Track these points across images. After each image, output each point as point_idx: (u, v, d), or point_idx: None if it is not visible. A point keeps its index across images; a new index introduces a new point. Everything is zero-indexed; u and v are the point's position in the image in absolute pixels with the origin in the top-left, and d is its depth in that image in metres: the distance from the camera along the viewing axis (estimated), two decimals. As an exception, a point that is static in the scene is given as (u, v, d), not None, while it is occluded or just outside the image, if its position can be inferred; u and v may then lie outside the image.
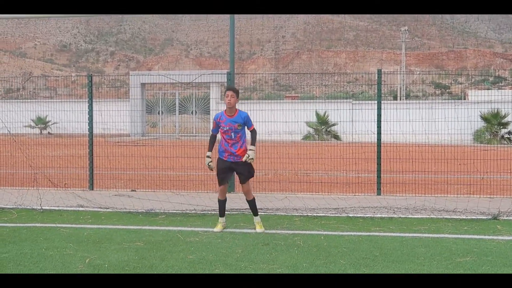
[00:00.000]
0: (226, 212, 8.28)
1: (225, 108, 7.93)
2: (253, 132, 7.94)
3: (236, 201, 10.13)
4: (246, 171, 7.89)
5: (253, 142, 7.89)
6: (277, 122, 14.29)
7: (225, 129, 7.79)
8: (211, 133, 8.09)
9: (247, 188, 7.98)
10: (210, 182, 12.17)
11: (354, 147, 14.87)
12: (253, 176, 8.01)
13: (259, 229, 7.89)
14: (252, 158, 7.76)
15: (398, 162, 13.29)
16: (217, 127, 7.93)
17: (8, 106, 15.68)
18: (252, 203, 8.03)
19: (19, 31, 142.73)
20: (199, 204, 10.02)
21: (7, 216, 9.09)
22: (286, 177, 13.81)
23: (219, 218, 8.08)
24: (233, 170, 8.01)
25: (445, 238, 7.44)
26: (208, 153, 8.01)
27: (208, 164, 7.94)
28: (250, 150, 7.80)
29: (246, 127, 7.90)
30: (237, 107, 7.92)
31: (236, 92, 7.88)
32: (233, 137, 7.79)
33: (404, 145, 13.60)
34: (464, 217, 8.79)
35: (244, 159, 7.74)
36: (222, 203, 8.04)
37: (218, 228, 7.93)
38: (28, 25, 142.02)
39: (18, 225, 8.39)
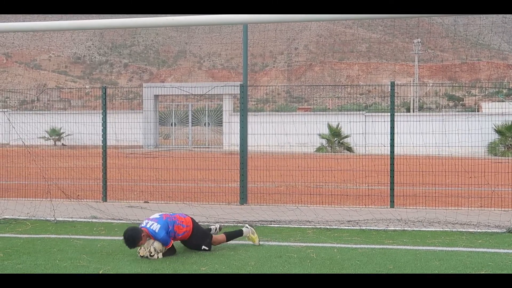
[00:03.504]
0: (239, 224, 8.26)
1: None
2: (170, 250, 7.19)
3: (249, 213, 10.15)
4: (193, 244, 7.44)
5: (166, 255, 7.08)
6: (290, 134, 14.29)
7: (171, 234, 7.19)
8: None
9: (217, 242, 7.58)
10: (222, 194, 12.20)
11: (367, 159, 14.83)
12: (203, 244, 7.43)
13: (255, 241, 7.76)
14: (141, 252, 7.01)
15: (409, 175, 13.23)
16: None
17: (23, 118, 15.83)
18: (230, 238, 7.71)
19: (34, 43, 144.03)
20: (211, 215, 10.03)
21: (21, 227, 9.15)
22: (298, 189, 13.79)
23: (246, 233, 7.76)
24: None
25: (459, 251, 7.38)
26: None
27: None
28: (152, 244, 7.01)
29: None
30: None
31: (135, 240, 6.96)
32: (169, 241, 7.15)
33: (417, 158, 13.53)
34: (478, 230, 8.72)
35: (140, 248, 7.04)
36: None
37: (257, 241, 7.73)
38: (43, 38, 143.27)
39: (32, 236, 8.43)
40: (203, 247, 7.37)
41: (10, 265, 6.64)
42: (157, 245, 7.00)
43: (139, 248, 7.04)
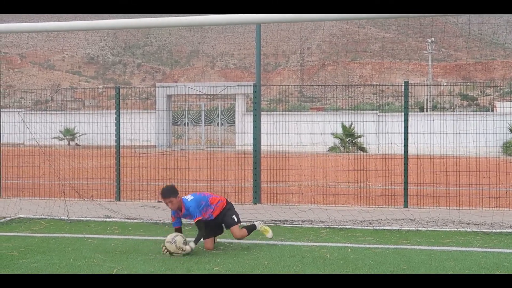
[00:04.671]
0: (251, 223, 8.22)
1: None
2: (197, 226, 7.42)
3: (261, 212, 10.14)
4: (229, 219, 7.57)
5: (197, 240, 7.31)
6: (303, 133, 14.26)
7: (188, 217, 7.50)
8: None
9: (236, 235, 7.60)
10: (235, 194, 12.20)
11: (380, 159, 14.78)
12: (237, 223, 7.62)
13: (267, 234, 7.80)
14: (185, 252, 7.13)
15: (423, 175, 13.17)
16: (178, 219, 7.57)
17: (37, 118, 15.93)
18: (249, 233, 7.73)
19: (48, 44, 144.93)
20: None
21: (36, 226, 9.21)
22: (311, 189, 13.76)
23: (258, 227, 7.79)
24: (220, 224, 7.67)
25: (474, 251, 7.33)
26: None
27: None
28: (189, 245, 7.19)
29: None
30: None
31: (171, 195, 7.36)
32: (200, 215, 7.39)
33: (431, 158, 13.46)
34: (493, 231, 8.66)
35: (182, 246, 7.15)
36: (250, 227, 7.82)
37: (270, 233, 7.77)
38: (57, 38, 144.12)
39: (46, 235, 8.49)
40: (233, 216, 7.57)
41: (25, 264, 6.69)
42: (179, 238, 7.14)
43: (164, 248, 7.17)
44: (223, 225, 7.71)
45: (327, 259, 6.90)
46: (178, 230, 7.51)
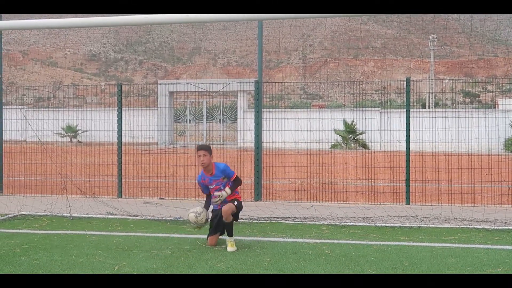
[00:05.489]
0: (254, 220, 8.26)
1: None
2: (236, 181, 7.54)
3: (264, 209, 10.13)
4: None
5: (232, 186, 7.47)
6: (304, 130, 14.25)
7: (213, 186, 7.54)
8: (204, 194, 7.76)
9: (226, 213, 7.33)
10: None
11: (382, 156, 14.78)
12: (234, 208, 7.42)
13: (230, 248, 7.31)
14: (222, 197, 7.33)
15: (425, 171, 13.16)
16: (204, 187, 7.64)
17: (39, 115, 15.94)
18: (229, 226, 7.45)
19: (50, 41, 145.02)
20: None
21: (38, 223, 9.23)
22: (313, 186, 13.76)
23: (231, 239, 7.42)
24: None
25: (476, 248, 7.33)
26: (198, 209, 7.54)
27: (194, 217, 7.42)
28: (225, 191, 7.38)
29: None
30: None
31: (208, 149, 7.54)
32: (223, 188, 7.49)
33: (433, 154, 13.46)
34: (495, 228, 8.65)
35: (215, 193, 7.40)
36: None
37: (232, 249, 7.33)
38: (59, 35, 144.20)
39: (48, 232, 8.50)
40: (236, 203, 7.49)
41: (27, 260, 6.70)
42: (198, 216, 7.37)
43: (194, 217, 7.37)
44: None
45: (328, 256, 6.90)
46: (209, 196, 7.63)
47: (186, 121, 38.46)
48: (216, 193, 7.40)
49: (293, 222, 9.21)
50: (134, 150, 18.85)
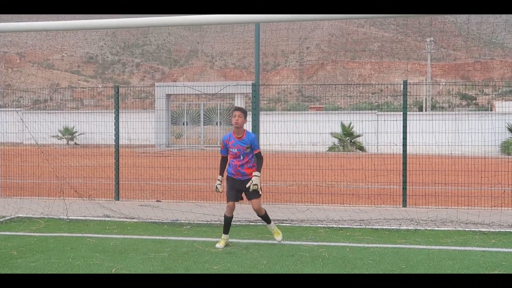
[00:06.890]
0: (251, 223, 8.25)
1: (233, 129, 7.74)
2: (258, 157, 7.69)
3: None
4: (253, 192, 7.60)
5: (259, 167, 7.63)
6: (301, 133, 14.26)
7: (234, 151, 7.61)
8: (220, 155, 7.85)
9: (257, 206, 7.62)
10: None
11: (379, 158, 14.81)
12: (260, 195, 7.65)
13: (277, 236, 7.81)
14: (256, 184, 7.46)
15: (421, 174, 13.17)
16: (225, 148, 7.72)
17: (36, 117, 15.92)
18: (264, 216, 7.77)
19: (47, 43, 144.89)
20: (223, 215, 10.02)
21: (34, 226, 9.21)
22: (310, 188, 13.77)
23: (223, 234, 7.70)
24: (242, 191, 7.70)
25: (473, 251, 7.35)
26: (219, 177, 7.79)
27: (216, 186, 7.75)
28: (254, 176, 7.52)
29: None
30: (245, 127, 7.75)
31: (244, 112, 7.69)
32: (241, 158, 7.61)
33: (429, 157, 13.47)
34: (491, 230, 8.67)
35: (248, 185, 7.48)
36: (228, 220, 7.69)
37: (220, 244, 7.57)
38: (56, 38, 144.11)
39: (45, 234, 8.49)
40: (260, 192, 7.64)
41: (24, 263, 6.69)
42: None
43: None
44: (245, 194, 7.72)
45: (325, 259, 6.91)
46: (225, 158, 7.80)
47: (183, 124, 38.46)
48: (248, 184, 7.48)
49: (290, 224, 9.21)
50: (131, 152, 18.85)
